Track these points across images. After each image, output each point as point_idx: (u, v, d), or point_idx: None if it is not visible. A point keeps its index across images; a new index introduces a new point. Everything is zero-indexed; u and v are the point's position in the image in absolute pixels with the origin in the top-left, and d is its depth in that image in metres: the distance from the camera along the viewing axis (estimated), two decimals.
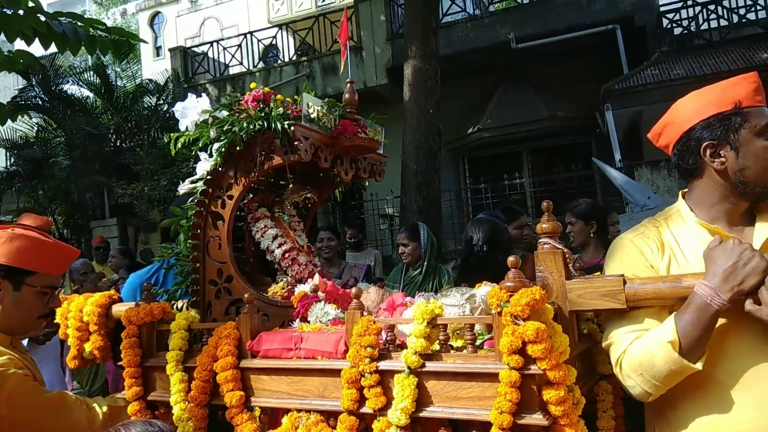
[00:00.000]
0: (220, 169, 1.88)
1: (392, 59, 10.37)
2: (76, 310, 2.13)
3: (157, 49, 19.78)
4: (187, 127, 1.88)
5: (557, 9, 9.75)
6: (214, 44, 12.98)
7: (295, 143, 1.75)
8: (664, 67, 8.39)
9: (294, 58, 12.29)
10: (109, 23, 3.69)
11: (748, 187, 1.41)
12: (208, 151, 1.89)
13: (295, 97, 1.90)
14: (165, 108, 11.65)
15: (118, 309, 2.07)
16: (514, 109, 9.87)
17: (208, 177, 1.90)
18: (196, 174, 2.02)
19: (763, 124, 1.40)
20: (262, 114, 1.79)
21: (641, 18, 9.14)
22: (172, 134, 1.91)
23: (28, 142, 11.55)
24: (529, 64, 10.00)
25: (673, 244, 1.49)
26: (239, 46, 12.62)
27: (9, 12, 5.04)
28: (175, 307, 1.92)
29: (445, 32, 9.17)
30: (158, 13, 20.42)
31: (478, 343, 1.36)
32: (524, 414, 1.21)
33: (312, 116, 1.82)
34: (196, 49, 13.37)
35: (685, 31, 9.27)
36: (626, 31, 9.02)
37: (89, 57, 12.82)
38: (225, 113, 1.81)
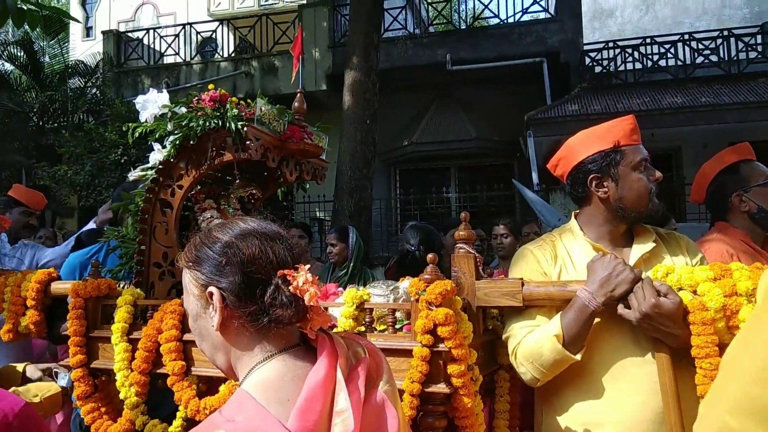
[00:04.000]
0: (172, 160, 2.02)
1: (332, 67, 10.59)
2: (14, 285, 2.20)
3: (88, 30, 18.94)
4: (146, 119, 2.00)
5: (491, 38, 10.37)
6: (151, 31, 12.70)
7: (247, 143, 1.92)
8: (583, 102, 9.11)
9: (233, 54, 12.24)
10: None
11: (626, 212, 1.69)
12: (163, 143, 2.03)
13: (248, 101, 2.07)
14: (94, 91, 11.27)
15: (57, 286, 2.16)
16: (445, 127, 10.36)
17: (160, 166, 2.03)
18: (142, 163, 2.15)
19: (637, 160, 1.69)
20: (218, 113, 1.95)
21: (566, 54, 9.86)
22: (130, 124, 2.03)
23: None
24: (462, 86, 10.53)
25: (564, 256, 1.76)
26: (176, 35, 12.41)
27: None
28: (118, 285, 2.03)
29: (386, 47, 9.50)
30: None
31: (397, 326, 1.60)
32: (431, 384, 1.46)
33: (263, 120, 1.99)
34: (130, 35, 13.01)
35: (605, 71, 10.10)
36: (552, 64, 9.71)
37: (11, 30, 12.20)
38: (184, 109, 1.96)
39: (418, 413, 1.47)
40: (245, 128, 1.91)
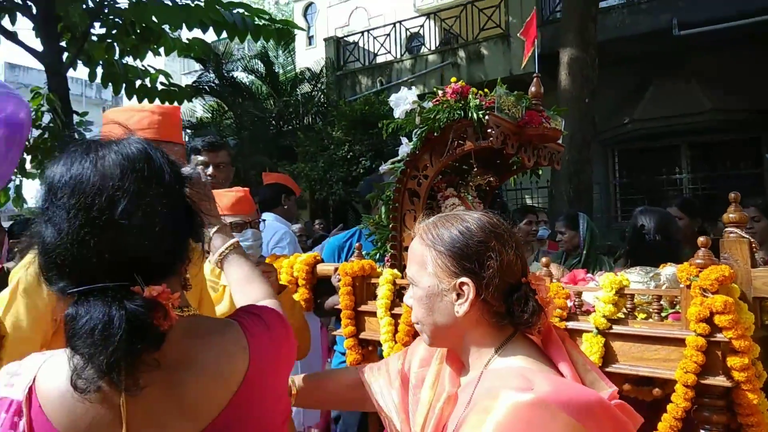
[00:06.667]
0: (417, 152, 2.18)
1: (541, 47, 10.22)
2: (288, 267, 2.58)
3: (310, 39, 21.04)
4: (399, 115, 2.19)
5: None
6: (364, 33, 13.64)
7: (488, 131, 1.98)
8: None
9: (439, 46, 12.54)
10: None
11: None
12: (410, 137, 2.19)
13: (485, 90, 2.13)
14: (319, 95, 12.51)
15: (322, 267, 2.49)
16: (672, 100, 9.34)
17: (407, 158, 2.21)
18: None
19: None
20: (460, 104, 2.05)
21: None
22: (384, 120, 2.24)
23: (203, 123, 13.03)
24: (691, 53, 9.38)
25: None
26: (387, 35, 13.14)
27: (192, 4, 5.82)
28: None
29: (600, 18, 8.90)
30: (311, 3, 21.67)
31: (663, 314, 1.53)
32: (708, 376, 1.37)
33: (502, 107, 2.04)
34: (347, 39, 14.15)
35: None
36: None
37: (247, 44, 14.05)
38: (430, 104, 2.10)
39: (693, 405, 1.39)
40: (486, 117, 1.97)
